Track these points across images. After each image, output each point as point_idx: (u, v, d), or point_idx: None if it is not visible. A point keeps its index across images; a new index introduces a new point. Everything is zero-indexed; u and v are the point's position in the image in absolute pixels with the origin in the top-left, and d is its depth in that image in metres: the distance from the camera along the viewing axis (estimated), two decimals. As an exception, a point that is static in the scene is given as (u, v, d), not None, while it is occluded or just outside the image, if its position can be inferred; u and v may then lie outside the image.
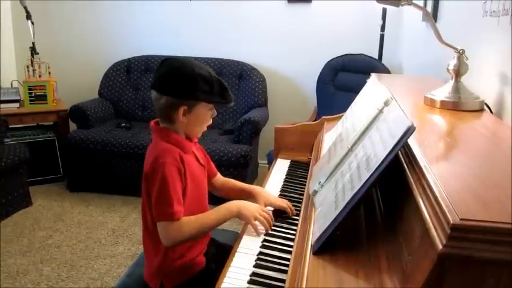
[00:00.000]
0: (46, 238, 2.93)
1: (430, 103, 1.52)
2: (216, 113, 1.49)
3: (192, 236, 1.41)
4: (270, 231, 1.42)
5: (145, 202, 1.43)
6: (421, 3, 2.71)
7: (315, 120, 3.19)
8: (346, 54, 3.72)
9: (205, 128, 1.51)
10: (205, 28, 4.13)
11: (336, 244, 1.01)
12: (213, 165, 1.67)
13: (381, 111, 1.24)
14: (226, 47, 4.10)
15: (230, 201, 1.49)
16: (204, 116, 1.46)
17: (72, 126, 3.80)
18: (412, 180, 0.92)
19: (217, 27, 4.10)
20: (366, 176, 1.01)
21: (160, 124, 1.47)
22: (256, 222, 1.44)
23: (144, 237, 1.52)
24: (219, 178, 1.71)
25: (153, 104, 1.46)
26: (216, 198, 1.67)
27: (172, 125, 1.44)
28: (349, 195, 1.02)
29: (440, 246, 0.69)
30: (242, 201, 1.50)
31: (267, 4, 3.97)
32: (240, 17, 4.05)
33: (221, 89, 1.42)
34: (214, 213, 1.46)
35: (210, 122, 1.51)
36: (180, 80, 1.39)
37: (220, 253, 1.53)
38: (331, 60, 3.75)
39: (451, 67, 1.53)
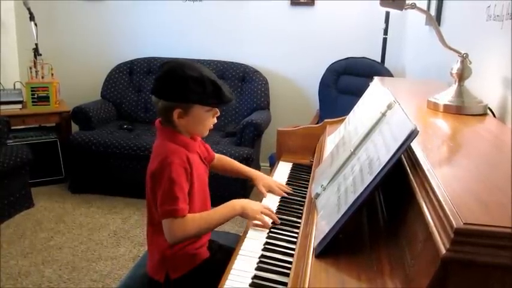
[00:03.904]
0: (48, 239, 2.93)
1: (433, 107, 1.52)
2: (218, 112, 1.49)
3: (196, 233, 1.43)
4: (271, 234, 1.41)
5: (151, 198, 1.45)
6: (424, 7, 2.71)
7: (317, 123, 3.18)
8: (348, 57, 3.72)
9: (211, 126, 1.51)
10: (208, 30, 4.13)
11: (339, 247, 1.01)
12: (210, 149, 1.69)
13: (383, 114, 1.24)
14: (229, 49, 4.11)
15: (233, 200, 1.50)
16: (203, 117, 1.45)
17: (75, 127, 3.80)
18: (415, 183, 0.92)
19: (220, 29, 4.11)
20: (368, 179, 1.00)
21: (163, 125, 1.49)
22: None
23: (148, 231, 1.54)
24: (217, 158, 1.74)
25: (155, 106, 1.48)
26: (217, 198, 1.68)
27: (173, 127, 1.45)
28: (351, 199, 1.02)
29: (443, 251, 0.69)
30: (245, 199, 1.52)
31: (270, 7, 3.97)
32: (242, 19, 4.05)
33: (215, 90, 1.40)
34: (218, 212, 1.47)
35: (215, 121, 1.51)
36: (170, 83, 1.39)
37: (222, 253, 1.54)
38: (333, 63, 3.74)
39: (454, 71, 1.52)
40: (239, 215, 1.47)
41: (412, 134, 0.95)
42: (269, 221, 1.46)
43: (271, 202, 1.63)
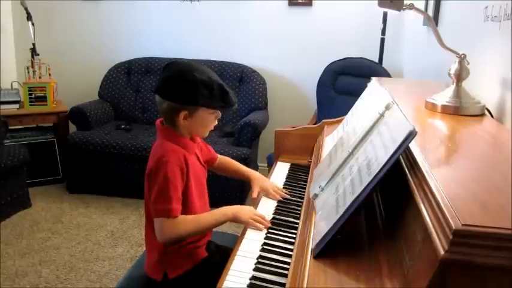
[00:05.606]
0: (45, 240, 2.92)
1: (431, 107, 1.52)
2: (220, 115, 1.51)
3: (186, 235, 1.44)
4: (269, 235, 1.41)
5: (148, 198, 1.45)
6: (422, 7, 2.72)
7: (315, 123, 3.18)
8: (346, 58, 3.72)
9: (212, 128, 1.53)
10: (206, 30, 4.13)
11: (337, 248, 1.01)
12: (212, 150, 1.71)
13: (382, 115, 1.24)
14: (226, 49, 4.10)
15: (225, 206, 1.51)
16: (206, 119, 1.47)
17: (72, 127, 3.80)
18: (413, 184, 0.92)
19: (218, 29, 4.11)
20: (367, 180, 1.00)
21: (164, 124, 1.50)
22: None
23: (146, 230, 1.54)
24: (219, 158, 1.77)
25: (153, 106, 1.49)
26: (216, 199, 1.68)
27: (175, 127, 1.46)
28: (350, 199, 1.02)
29: (442, 252, 0.69)
30: (237, 206, 1.53)
31: (268, 7, 3.97)
32: (240, 19, 4.05)
33: (222, 93, 1.43)
34: (210, 216, 1.49)
35: (215, 123, 1.53)
36: (180, 86, 1.40)
37: (220, 253, 1.55)
38: (331, 63, 3.74)
39: (452, 71, 1.52)
40: (231, 220, 1.48)
41: (411, 135, 0.95)
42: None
43: (269, 202, 1.63)
